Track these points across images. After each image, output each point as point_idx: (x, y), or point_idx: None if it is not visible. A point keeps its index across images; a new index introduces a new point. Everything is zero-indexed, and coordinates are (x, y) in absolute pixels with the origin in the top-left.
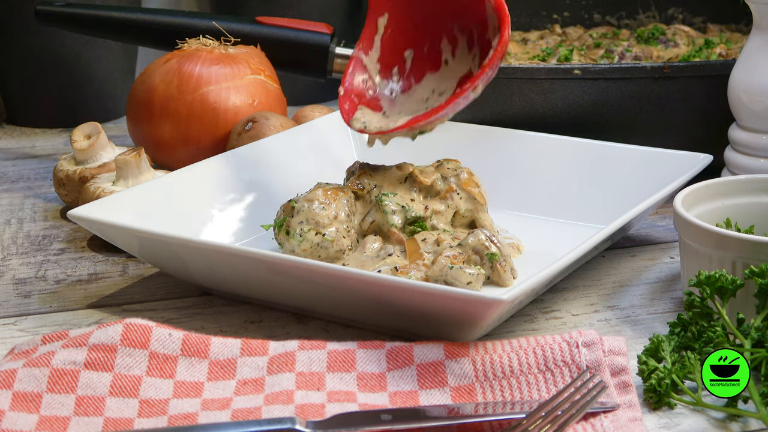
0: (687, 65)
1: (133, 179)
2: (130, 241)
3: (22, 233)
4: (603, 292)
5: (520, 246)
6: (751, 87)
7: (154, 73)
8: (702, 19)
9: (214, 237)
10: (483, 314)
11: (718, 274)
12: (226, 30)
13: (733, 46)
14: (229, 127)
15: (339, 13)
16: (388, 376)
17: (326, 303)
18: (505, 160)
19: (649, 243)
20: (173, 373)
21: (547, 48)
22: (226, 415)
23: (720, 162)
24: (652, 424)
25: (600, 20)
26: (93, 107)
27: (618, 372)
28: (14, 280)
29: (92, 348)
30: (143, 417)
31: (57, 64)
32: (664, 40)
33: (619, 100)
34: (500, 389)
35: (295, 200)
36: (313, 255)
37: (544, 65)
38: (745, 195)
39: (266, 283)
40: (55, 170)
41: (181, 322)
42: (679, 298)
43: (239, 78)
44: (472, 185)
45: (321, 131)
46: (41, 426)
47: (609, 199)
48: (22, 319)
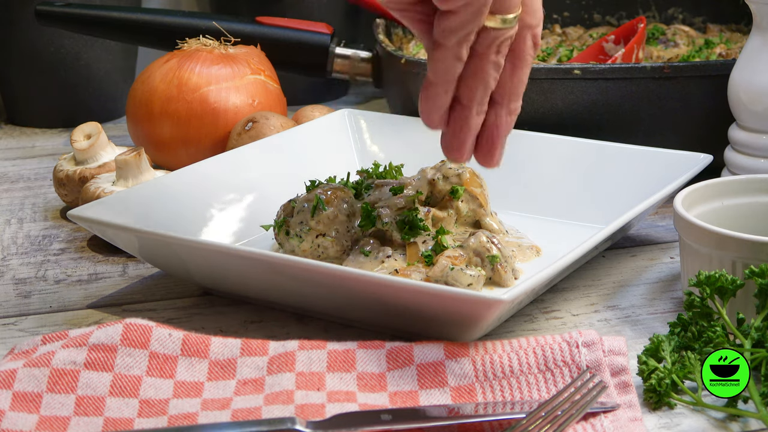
0: (687, 65)
1: (133, 179)
2: (130, 241)
3: (22, 233)
4: (603, 292)
5: (539, 249)
6: (751, 87)
7: (154, 73)
8: (702, 19)
9: (214, 237)
10: (483, 314)
11: (718, 274)
12: (226, 30)
13: (733, 46)
14: (229, 127)
15: (339, 13)
16: (388, 376)
17: (326, 303)
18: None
19: (649, 243)
20: (173, 373)
21: (547, 48)
22: (226, 415)
23: (720, 162)
24: (652, 424)
25: (600, 20)
26: (93, 107)
27: (618, 372)
28: (14, 280)
29: (92, 348)
30: (143, 417)
31: (57, 64)
32: (664, 40)
33: (619, 100)
34: (500, 389)
35: (295, 200)
36: (313, 255)
37: (544, 65)
38: (745, 195)
39: (266, 283)
40: (55, 170)
41: (181, 322)
42: (679, 298)
43: (239, 78)
44: (474, 185)
45: (321, 131)
46: (41, 426)
47: (609, 199)
48: (22, 319)
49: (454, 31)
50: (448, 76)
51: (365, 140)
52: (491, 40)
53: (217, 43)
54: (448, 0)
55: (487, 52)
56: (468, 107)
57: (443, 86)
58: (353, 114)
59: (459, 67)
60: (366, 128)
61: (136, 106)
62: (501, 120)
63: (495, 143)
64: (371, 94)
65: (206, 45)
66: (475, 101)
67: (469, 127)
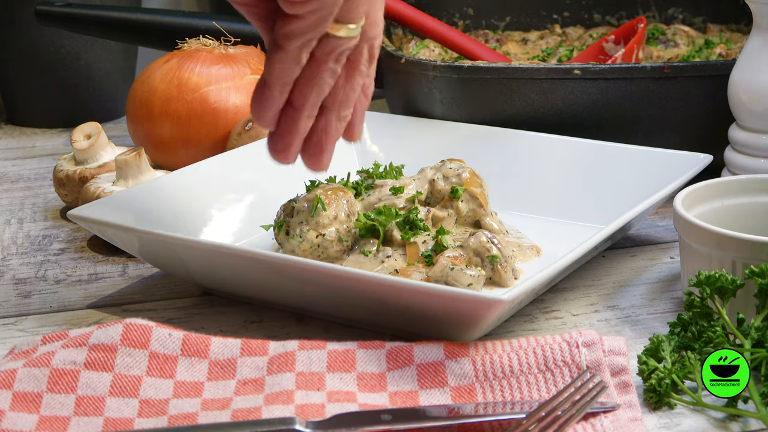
0: (687, 65)
1: (133, 179)
2: (130, 241)
3: (22, 233)
4: (603, 292)
5: (539, 249)
6: (751, 87)
7: (154, 73)
8: (702, 19)
9: (214, 237)
10: (483, 314)
11: (718, 274)
12: (226, 30)
13: (733, 46)
14: (229, 127)
15: None
16: (388, 376)
17: (326, 303)
18: (505, 160)
19: (649, 243)
20: (173, 373)
21: (547, 48)
22: (226, 415)
23: (720, 162)
24: (652, 424)
25: (600, 20)
26: (93, 107)
27: (618, 372)
28: (14, 280)
29: (92, 348)
30: (143, 417)
31: (57, 64)
32: (664, 40)
33: (619, 100)
34: (500, 389)
35: (295, 200)
36: (313, 255)
37: (544, 65)
38: (745, 195)
39: (266, 283)
40: (55, 170)
41: (181, 322)
42: (679, 298)
43: (239, 78)
44: (474, 185)
45: None
46: (41, 426)
47: (609, 199)
48: (22, 319)
49: (297, 36)
50: (285, 78)
51: (365, 140)
52: (332, 48)
53: (217, 43)
54: (295, 4)
55: (326, 59)
56: (299, 110)
57: (278, 88)
58: None
59: (297, 71)
60: (366, 128)
61: (136, 106)
62: (331, 126)
63: (323, 147)
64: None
65: (206, 45)
66: (307, 106)
67: (298, 130)
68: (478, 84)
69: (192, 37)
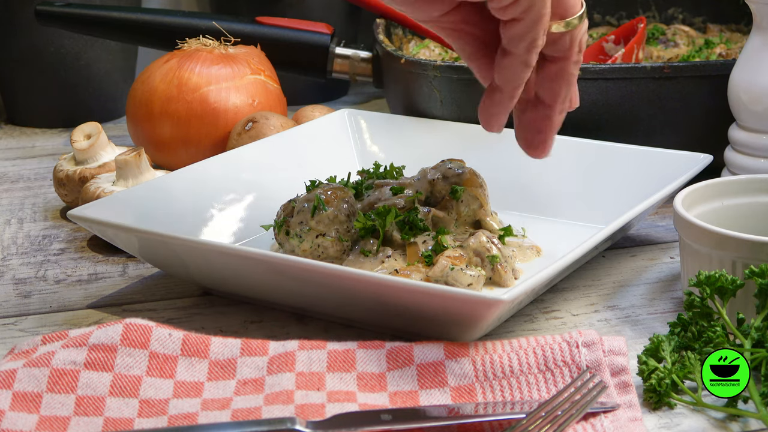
0: (687, 65)
1: (133, 179)
2: (130, 241)
3: (22, 233)
4: (603, 292)
5: (539, 249)
6: (751, 87)
7: (154, 73)
8: (702, 19)
9: (214, 237)
10: (483, 314)
11: (718, 274)
12: (226, 30)
13: (733, 46)
14: (229, 127)
15: (339, 13)
16: (388, 376)
17: (326, 303)
18: (505, 160)
19: (649, 243)
20: (173, 373)
21: None
22: (226, 415)
23: (720, 162)
24: (652, 424)
25: (600, 20)
26: (93, 107)
27: (618, 372)
28: (14, 280)
29: (92, 348)
30: (143, 417)
31: (57, 64)
32: (664, 40)
33: (618, 100)
34: (500, 389)
35: (295, 200)
36: (313, 255)
37: None
38: (745, 195)
39: (266, 283)
40: (55, 170)
41: (181, 322)
42: (679, 298)
43: (239, 78)
44: (474, 185)
45: (321, 131)
46: (41, 426)
47: (609, 199)
48: (22, 319)
49: (522, 38)
50: (516, 82)
51: (365, 140)
52: (570, 42)
53: (217, 43)
54: (505, 8)
55: (569, 54)
56: (551, 107)
57: (509, 92)
58: (353, 114)
59: (527, 74)
60: (366, 128)
61: (136, 106)
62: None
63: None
64: (371, 94)
65: (206, 45)
66: (559, 100)
67: (552, 125)
68: (478, 84)
69: (192, 37)
